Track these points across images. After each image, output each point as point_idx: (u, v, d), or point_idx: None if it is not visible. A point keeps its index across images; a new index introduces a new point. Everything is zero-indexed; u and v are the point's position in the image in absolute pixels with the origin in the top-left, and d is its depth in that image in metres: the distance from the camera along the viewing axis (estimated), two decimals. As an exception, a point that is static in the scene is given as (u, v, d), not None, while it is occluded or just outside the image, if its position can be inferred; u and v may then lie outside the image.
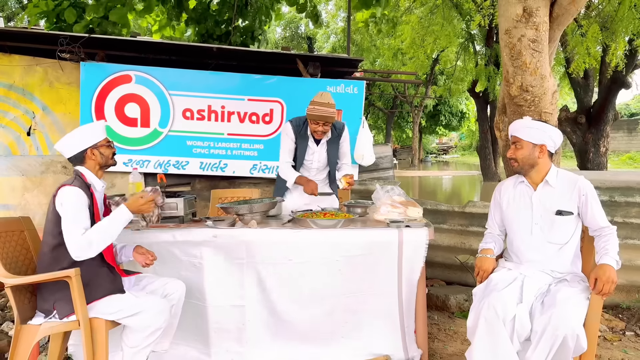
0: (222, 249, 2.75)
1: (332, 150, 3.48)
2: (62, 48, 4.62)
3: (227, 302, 2.77)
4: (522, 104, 2.79)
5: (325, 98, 3.21)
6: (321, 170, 3.53)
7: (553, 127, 2.49)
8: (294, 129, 3.39)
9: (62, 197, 2.25)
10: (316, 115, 3.19)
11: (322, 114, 3.18)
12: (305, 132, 3.39)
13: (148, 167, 5.14)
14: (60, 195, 2.26)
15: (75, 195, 2.26)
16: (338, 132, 3.47)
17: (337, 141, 3.49)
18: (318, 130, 3.27)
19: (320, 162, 3.48)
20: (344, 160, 3.55)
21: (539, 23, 2.53)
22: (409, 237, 2.70)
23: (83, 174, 2.40)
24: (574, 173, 2.53)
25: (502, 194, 2.64)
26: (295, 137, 3.40)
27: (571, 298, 2.20)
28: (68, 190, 2.26)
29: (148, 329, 2.30)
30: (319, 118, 3.20)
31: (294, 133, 3.39)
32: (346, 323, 2.77)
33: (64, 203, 2.24)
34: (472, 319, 2.36)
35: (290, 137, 3.40)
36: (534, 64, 2.61)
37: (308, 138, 3.40)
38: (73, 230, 2.21)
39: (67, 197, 2.25)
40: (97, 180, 2.44)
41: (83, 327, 2.21)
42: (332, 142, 3.47)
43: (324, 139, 3.42)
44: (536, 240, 2.46)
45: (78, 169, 2.42)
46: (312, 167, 3.49)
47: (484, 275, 2.51)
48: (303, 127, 3.39)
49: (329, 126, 3.29)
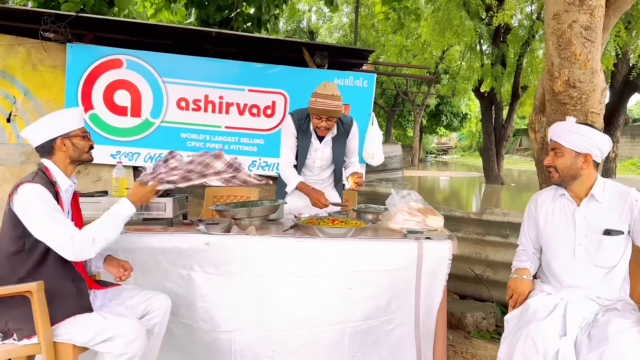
0: (215, 259, 2.38)
1: (338, 148, 3.10)
2: (46, 27, 4.24)
3: (218, 321, 2.40)
4: (566, 101, 2.43)
5: (329, 89, 2.82)
6: (324, 168, 3.17)
7: (601, 132, 2.14)
8: (295, 123, 3.02)
9: (24, 199, 1.89)
10: (319, 109, 2.81)
11: (325, 108, 2.80)
12: (308, 127, 3.02)
13: (138, 160, 4.81)
14: (19, 195, 1.90)
15: (38, 192, 1.90)
16: (345, 128, 3.09)
17: (344, 138, 3.11)
18: (321, 126, 2.89)
19: (324, 160, 3.12)
20: (352, 158, 3.19)
21: (594, 7, 2.17)
22: (430, 250, 2.35)
23: (47, 168, 2.03)
24: (623, 185, 2.18)
25: (538, 208, 2.30)
26: (297, 132, 3.03)
27: (625, 332, 1.88)
28: (28, 189, 1.90)
29: (122, 356, 1.94)
30: (322, 112, 2.82)
31: (296, 128, 3.02)
32: (355, 354, 2.39)
33: (28, 206, 1.88)
34: (504, 352, 2.05)
35: (292, 132, 3.03)
36: (584, 55, 2.25)
37: (311, 134, 3.03)
38: (59, 229, 1.88)
39: (29, 198, 1.89)
40: (63, 178, 2.07)
41: (45, 352, 1.85)
42: (339, 140, 3.09)
43: (328, 136, 3.06)
44: (580, 263, 2.13)
45: (43, 162, 2.06)
46: (315, 166, 3.13)
47: (519, 300, 2.20)
48: (305, 121, 3.02)
49: (333, 122, 2.91)
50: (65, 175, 2.09)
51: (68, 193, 2.12)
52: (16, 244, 1.91)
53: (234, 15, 5.60)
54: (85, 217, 2.37)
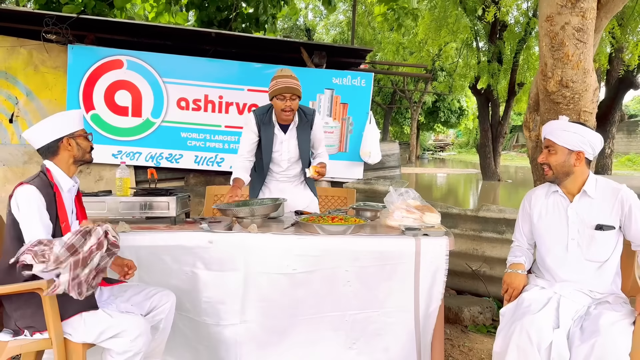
0: (218, 256, 2.44)
1: (302, 138, 3.12)
2: (48, 29, 4.27)
3: (222, 315, 2.47)
4: (559, 101, 2.49)
5: (286, 72, 2.96)
6: (292, 162, 3.19)
7: (593, 131, 2.21)
8: (256, 118, 3.06)
9: (17, 199, 1.95)
10: (281, 87, 2.88)
11: (286, 85, 2.88)
12: (270, 119, 3.06)
13: (139, 160, 4.83)
14: (14, 197, 1.96)
15: (29, 196, 1.95)
16: (308, 118, 3.13)
17: (308, 128, 3.13)
18: (287, 106, 2.92)
19: (291, 152, 3.14)
20: (319, 149, 3.23)
21: (586, 9, 2.23)
22: (427, 246, 2.42)
23: (49, 170, 2.09)
24: (614, 181, 2.25)
25: (532, 204, 2.37)
26: (259, 128, 3.07)
27: (615, 324, 1.95)
28: (22, 191, 1.96)
29: (127, 353, 2.00)
30: (285, 90, 2.88)
31: (257, 123, 3.06)
32: (354, 343, 2.47)
33: (19, 206, 1.94)
34: (500, 344, 2.11)
35: (252, 128, 3.07)
36: (577, 56, 2.32)
37: (274, 125, 3.07)
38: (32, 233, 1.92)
39: (20, 199, 1.95)
40: (65, 178, 2.12)
41: (56, 348, 1.92)
42: (302, 129, 3.12)
43: (292, 125, 3.09)
44: (572, 258, 2.20)
45: (45, 164, 2.11)
46: (283, 159, 3.14)
47: (514, 294, 2.27)
48: (267, 114, 3.06)
49: (296, 102, 2.96)
50: (68, 175, 2.14)
51: (71, 193, 2.17)
52: (17, 244, 1.94)
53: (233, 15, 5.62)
54: (90, 217, 2.43)
